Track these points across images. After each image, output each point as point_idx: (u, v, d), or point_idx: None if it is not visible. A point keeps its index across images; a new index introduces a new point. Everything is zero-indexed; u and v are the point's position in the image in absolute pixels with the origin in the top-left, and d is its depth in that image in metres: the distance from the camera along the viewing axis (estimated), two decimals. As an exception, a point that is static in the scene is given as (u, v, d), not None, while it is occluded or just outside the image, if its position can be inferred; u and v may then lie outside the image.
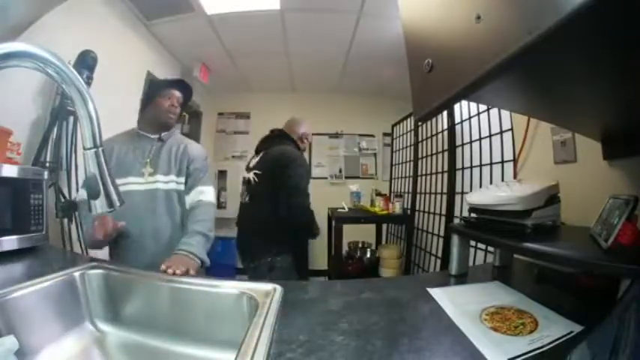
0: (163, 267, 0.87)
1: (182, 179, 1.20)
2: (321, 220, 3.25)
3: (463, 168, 1.97)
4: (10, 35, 1.29)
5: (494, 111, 1.64)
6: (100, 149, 0.46)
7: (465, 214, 1.01)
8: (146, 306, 0.83)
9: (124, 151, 1.17)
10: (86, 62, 1.53)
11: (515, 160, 1.44)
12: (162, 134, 1.23)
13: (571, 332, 0.55)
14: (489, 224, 0.84)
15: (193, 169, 1.21)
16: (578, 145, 1.05)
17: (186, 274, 0.86)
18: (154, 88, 1.25)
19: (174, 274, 0.84)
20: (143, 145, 1.19)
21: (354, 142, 3.97)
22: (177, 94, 1.24)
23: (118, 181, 1.09)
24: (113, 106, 1.89)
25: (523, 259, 1.00)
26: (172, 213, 1.18)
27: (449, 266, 0.95)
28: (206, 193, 1.20)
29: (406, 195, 2.78)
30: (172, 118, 1.23)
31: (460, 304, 0.70)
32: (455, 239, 0.94)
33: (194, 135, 3.34)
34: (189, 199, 1.19)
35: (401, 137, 3.23)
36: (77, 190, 1.61)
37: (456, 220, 1.99)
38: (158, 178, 1.16)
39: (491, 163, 1.66)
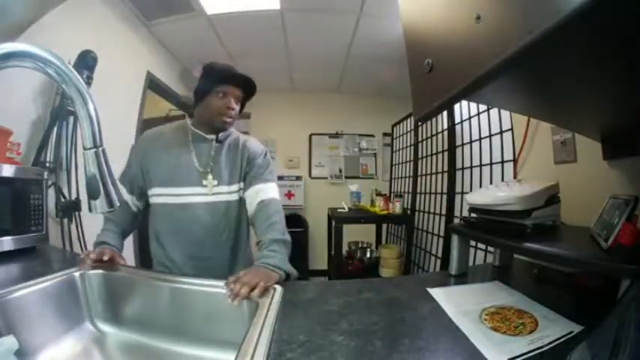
0: (231, 283, 0.74)
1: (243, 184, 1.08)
2: (321, 220, 3.29)
3: (463, 168, 1.97)
4: (10, 35, 1.29)
5: (494, 111, 1.64)
6: (100, 149, 0.46)
7: (465, 214, 1.01)
8: (146, 306, 0.83)
9: (177, 154, 1.03)
10: (86, 62, 1.53)
11: (515, 160, 1.44)
12: (220, 135, 1.07)
13: (571, 332, 0.55)
14: (489, 224, 0.84)
15: (250, 168, 1.07)
16: (578, 145, 1.05)
17: (262, 290, 0.72)
18: (206, 82, 1.01)
19: (236, 295, 0.70)
20: (200, 148, 1.05)
21: (354, 142, 3.97)
22: (236, 91, 1.02)
23: (171, 191, 1.02)
24: (113, 106, 1.91)
25: (523, 259, 1.01)
26: (238, 229, 1.07)
27: (449, 266, 0.95)
28: (265, 190, 1.03)
29: (406, 195, 2.78)
30: (228, 121, 1.03)
31: (460, 304, 0.70)
32: (455, 239, 0.94)
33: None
34: (248, 203, 1.04)
35: (401, 137, 3.23)
36: (77, 190, 1.61)
37: (456, 220, 1.99)
38: (221, 189, 1.03)
39: (491, 163, 1.66)
